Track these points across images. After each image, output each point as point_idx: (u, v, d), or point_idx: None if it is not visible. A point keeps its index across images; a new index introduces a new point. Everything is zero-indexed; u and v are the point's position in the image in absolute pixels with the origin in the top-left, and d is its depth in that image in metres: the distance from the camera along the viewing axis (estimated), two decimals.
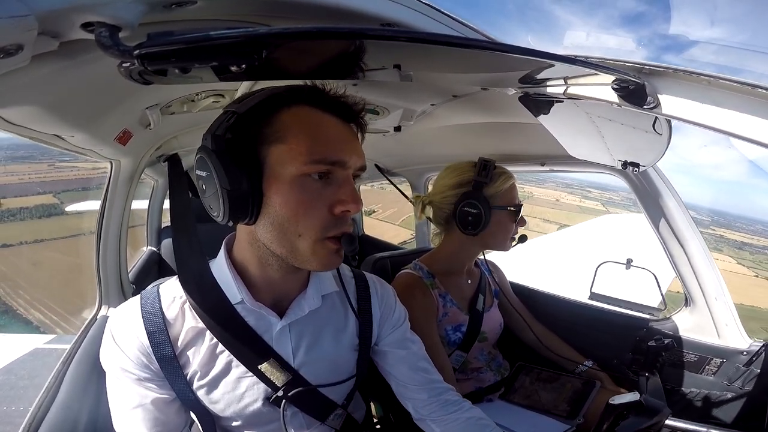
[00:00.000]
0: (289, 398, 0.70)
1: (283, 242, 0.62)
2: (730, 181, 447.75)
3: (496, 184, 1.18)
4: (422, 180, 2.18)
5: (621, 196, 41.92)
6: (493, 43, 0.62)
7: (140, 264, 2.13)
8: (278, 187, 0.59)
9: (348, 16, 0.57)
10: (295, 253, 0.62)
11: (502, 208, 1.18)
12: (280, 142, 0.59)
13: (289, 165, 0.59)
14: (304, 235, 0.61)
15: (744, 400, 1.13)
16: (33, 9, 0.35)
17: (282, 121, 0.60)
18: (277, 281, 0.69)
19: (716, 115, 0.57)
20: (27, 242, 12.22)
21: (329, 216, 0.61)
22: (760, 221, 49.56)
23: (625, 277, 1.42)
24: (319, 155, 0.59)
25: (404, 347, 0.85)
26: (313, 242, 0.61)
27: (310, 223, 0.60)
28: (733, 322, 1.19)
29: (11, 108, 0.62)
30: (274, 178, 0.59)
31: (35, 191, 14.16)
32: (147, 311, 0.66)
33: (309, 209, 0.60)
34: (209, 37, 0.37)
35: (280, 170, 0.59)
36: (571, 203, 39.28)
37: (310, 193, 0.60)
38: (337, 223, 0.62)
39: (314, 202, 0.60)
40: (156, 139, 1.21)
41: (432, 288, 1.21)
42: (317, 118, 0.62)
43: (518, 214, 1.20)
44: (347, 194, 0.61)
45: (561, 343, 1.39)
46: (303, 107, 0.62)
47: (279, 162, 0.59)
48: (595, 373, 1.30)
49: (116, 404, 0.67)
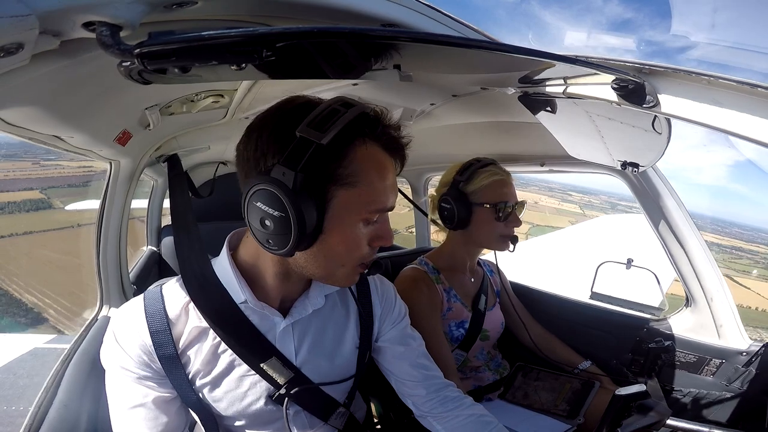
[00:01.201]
0: (292, 396, 0.70)
1: (324, 269, 0.65)
2: (709, 186, 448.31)
3: (475, 181, 1.19)
4: (422, 180, 2.18)
5: (601, 199, 42.18)
6: (493, 43, 0.62)
7: (140, 264, 2.13)
8: (340, 227, 0.61)
9: (348, 16, 0.57)
10: (331, 277, 0.66)
11: (479, 204, 1.18)
12: (351, 186, 0.60)
13: (355, 210, 0.61)
14: (345, 265, 0.65)
15: (744, 400, 1.13)
16: (34, 9, 0.35)
17: (355, 163, 0.59)
18: (284, 285, 0.70)
19: (716, 114, 0.57)
20: (17, 234, 12.92)
21: (368, 248, 0.65)
22: (737, 224, 50.36)
23: (625, 277, 1.43)
24: (381, 205, 0.63)
25: (404, 343, 0.85)
26: (350, 270, 0.66)
27: (353, 257, 0.64)
28: (734, 322, 1.19)
29: (11, 109, 0.62)
30: (338, 218, 0.60)
31: (21, 187, 14.85)
32: (150, 311, 0.66)
33: (359, 246, 0.64)
34: (209, 37, 0.37)
35: (345, 213, 0.60)
36: (549, 206, 39.55)
37: (361, 233, 0.63)
38: (372, 253, 0.66)
39: (363, 239, 0.64)
40: (156, 139, 1.21)
41: (437, 282, 1.22)
42: (383, 163, 0.63)
43: (501, 212, 1.18)
44: (385, 231, 0.66)
45: (559, 345, 1.39)
46: (372, 145, 0.61)
47: (346, 205, 0.60)
48: (594, 373, 1.30)
49: (116, 404, 0.67)
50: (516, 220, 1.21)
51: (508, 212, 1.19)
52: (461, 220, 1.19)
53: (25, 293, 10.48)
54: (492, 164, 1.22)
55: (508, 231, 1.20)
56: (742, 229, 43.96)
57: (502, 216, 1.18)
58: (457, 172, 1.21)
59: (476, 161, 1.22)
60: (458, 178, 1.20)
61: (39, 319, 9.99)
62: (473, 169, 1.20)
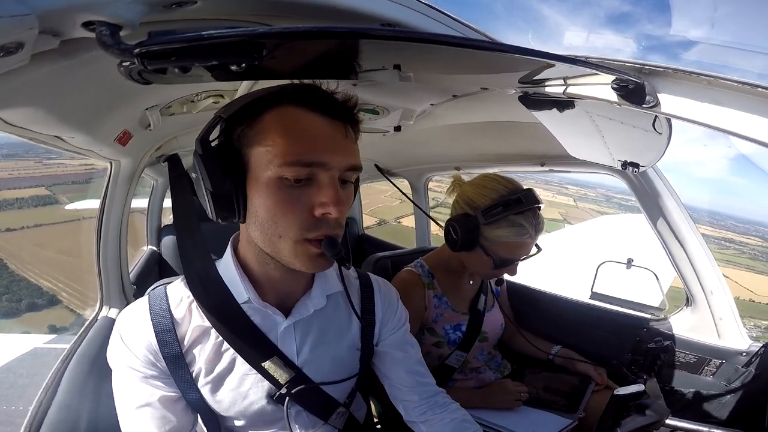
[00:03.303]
0: (293, 395, 0.71)
1: (267, 242, 0.62)
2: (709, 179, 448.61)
3: (496, 231, 1.07)
4: (422, 180, 2.18)
5: (597, 192, 41.95)
6: (494, 43, 0.62)
7: (141, 264, 2.13)
8: (258, 189, 0.59)
9: (348, 16, 0.57)
10: (279, 253, 0.63)
11: (486, 252, 1.09)
12: (259, 144, 0.59)
13: (267, 167, 0.58)
14: (284, 236, 0.60)
15: (743, 400, 1.13)
16: (34, 8, 0.35)
17: (264, 123, 0.59)
18: (278, 280, 0.69)
19: (716, 113, 0.57)
20: (28, 226, 14.36)
21: (309, 217, 0.59)
22: (733, 217, 50.46)
23: (625, 277, 1.43)
24: (294, 156, 0.57)
25: (402, 350, 0.85)
26: (293, 243, 0.60)
27: (288, 224, 0.59)
28: (734, 322, 1.19)
29: (11, 109, 0.62)
30: (255, 180, 0.60)
31: (27, 185, 16.08)
32: (155, 311, 0.67)
33: (286, 211, 0.59)
34: (209, 36, 0.37)
35: (260, 172, 0.59)
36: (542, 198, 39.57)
37: (288, 194, 0.59)
38: (318, 225, 0.60)
39: (292, 203, 0.59)
40: (156, 139, 1.21)
41: (428, 288, 1.22)
42: (298, 118, 0.59)
43: (502, 266, 1.11)
44: (328, 196, 0.58)
45: (530, 336, 1.39)
46: (287, 107, 0.60)
47: (258, 164, 0.59)
48: (574, 359, 1.31)
49: (123, 403, 0.67)
50: (513, 270, 1.14)
51: (509, 265, 1.12)
52: (462, 248, 1.13)
53: (40, 279, 11.95)
54: (529, 212, 1.07)
55: (499, 275, 1.17)
56: (738, 222, 43.96)
57: (501, 268, 1.12)
58: (484, 209, 1.08)
59: (514, 202, 1.06)
60: (480, 218, 1.07)
61: (54, 301, 11.67)
62: (503, 215, 1.05)
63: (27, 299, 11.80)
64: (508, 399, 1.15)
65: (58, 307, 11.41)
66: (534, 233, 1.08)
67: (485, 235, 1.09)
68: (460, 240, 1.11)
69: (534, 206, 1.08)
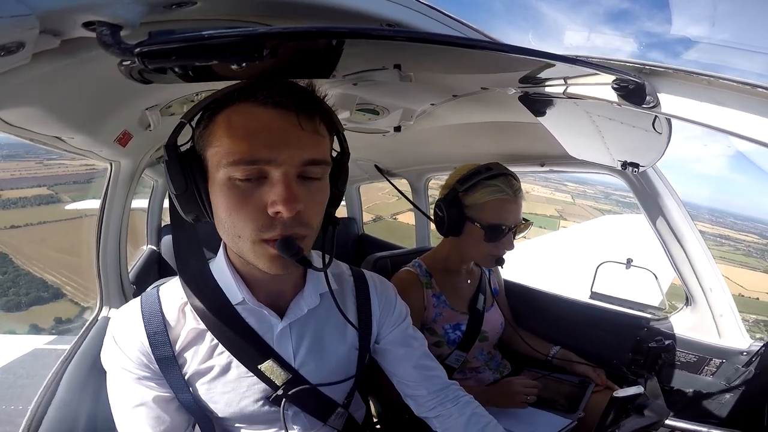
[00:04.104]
0: (289, 397, 0.70)
1: (231, 243, 0.63)
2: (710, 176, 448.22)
3: (475, 195, 1.12)
4: (422, 180, 2.18)
5: (596, 189, 41.91)
6: (494, 43, 0.62)
7: (140, 264, 2.13)
8: (214, 190, 0.59)
9: (348, 16, 0.57)
10: (242, 254, 0.62)
11: (472, 221, 1.12)
12: (211, 145, 0.58)
13: (218, 168, 0.57)
14: (242, 237, 0.59)
15: (743, 400, 1.13)
16: (34, 8, 0.35)
17: (216, 123, 0.58)
18: (263, 280, 0.69)
19: (716, 114, 0.57)
20: (32, 224, 14.82)
21: (264, 217, 0.57)
22: (732, 213, 50.53)
23: (625, 277, 1.43)
24: (238, 155, 0.55)
25: (406, 345, 0.85)
26: (251, 244, 0.59)
27: (244, 224, 0.58)
28: (734, 319, 1.19)
29: (11, 109, 0.62)
30: (213, 181, 0.59)
31: (29, 185, 16.48)
32: (147, 313, 0.67)
33: (240, 211, 0.57)
34: (209, 36, 0.37)
35: (215, 174, 0.58)
36: (540, 195, 39.11)
37: (241, 194, 0.57)
38: (273, 224, 0.57)
39: (245, 203, 0.57)
40: (156, 140, 1.21)
41: (427, 287, 1.22)
42: (246, 115, 0.56)
43: (492, 234, 1.11)
44: (277, 194, 0.55)
45: (529, 336, 1.39)
46: (239, 105, 0.57)
47: (212, 165, 0.58)
48: (576, 361, 1.31)
49: (118, 404, 0.67)
50: (509, 243, 1.13)
51: (501, 234, 1.12)
52: (452, 229, 1.15)
53: (44, 273, 12.44)
54: (501, 176, 1.13)
55: (497, 252, 1.15)
56: (737, 219, 43.94)
57: (494, 238, 1.12)
58: (459, 179, 1.14)
59: (485, 169, 1.13)
60: (458, 186, 1.14)
61: (58, 294, 12.13)
62: (477, 179, 1.12)
63: (33, 293, 12.21)
64: (513, 400, 1.13)
65: (62, 300, 11.82)
66: (512, 194, 1.11)
67: (467, 204, 1.13)
68: (446, 216, 1.14)
69: (504, 172, 1.14)
